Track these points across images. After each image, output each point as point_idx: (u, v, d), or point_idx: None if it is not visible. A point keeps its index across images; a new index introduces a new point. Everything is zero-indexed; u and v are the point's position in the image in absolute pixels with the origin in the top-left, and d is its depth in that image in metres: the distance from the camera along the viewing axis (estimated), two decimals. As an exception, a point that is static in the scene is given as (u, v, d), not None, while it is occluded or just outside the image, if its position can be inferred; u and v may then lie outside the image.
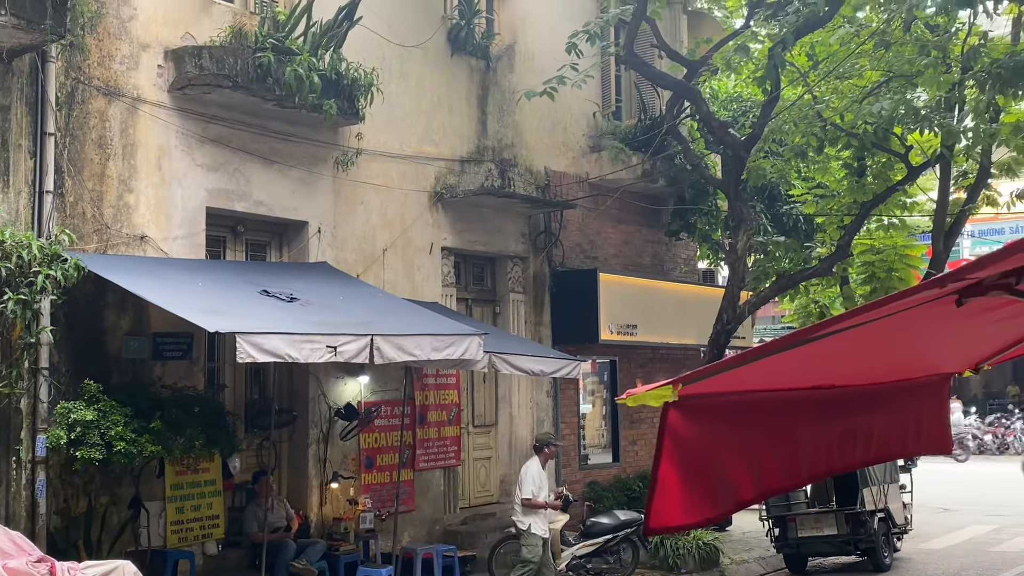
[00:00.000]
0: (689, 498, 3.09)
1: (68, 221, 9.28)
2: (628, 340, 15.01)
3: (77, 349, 9.32)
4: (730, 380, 3.08)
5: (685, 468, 3.06)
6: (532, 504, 10.68)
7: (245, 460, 10.77)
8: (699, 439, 3.06)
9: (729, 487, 3.22)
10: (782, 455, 3.39)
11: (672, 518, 3.10)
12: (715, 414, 3.11)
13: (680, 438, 3.04)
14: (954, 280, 2.54)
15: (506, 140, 14.20)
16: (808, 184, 17.32)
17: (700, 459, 3.11)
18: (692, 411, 3.05)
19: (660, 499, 3.03)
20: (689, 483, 3.07)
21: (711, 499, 3.18)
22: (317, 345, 8.77)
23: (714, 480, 3.18)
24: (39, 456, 8.83)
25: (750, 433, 3.26)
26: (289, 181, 11.28)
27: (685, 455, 3.05)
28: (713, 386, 3.07)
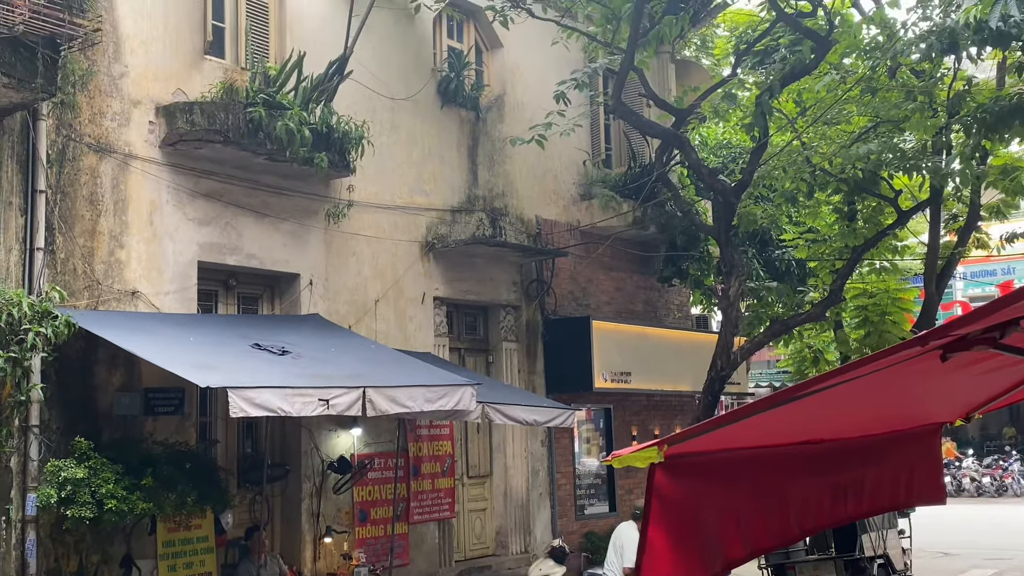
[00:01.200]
0: (678, 560, 3.06)
1: (59, 277, 9.27)
2: (622, 388, 14.97)
3: (68, 406, 9.27)
4: (717, 439, 3.06)
5: (673, 530, 3.03)
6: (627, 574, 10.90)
7: (238, 515, 10.66)
8: (686, 499, 3.04)
9: (718, 547, 3.19)
10: (771, 511, 3.36)
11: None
12: (702, 472, 3.09)
13: (667, 499, 3.01)
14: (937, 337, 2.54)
15: (497, 189, 14.26)
16: (799, 229, 17.41)
17: (688, 519, 3.09)
18: (679, 470, 3.03)
19: (649, 562, 3.01)
20: (678, 545, 3.04)
21: (701, 560, 3.15)
22: (309, 398, 8.73)
23: (703, 540, 3.15)
24: (29, 515, 8.75)
25: (738, 490, 3.24)
26: (280, 234, 11.30)
27: (672, 516, 3.02)
28: (700, 445, 3.05)
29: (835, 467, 3.53)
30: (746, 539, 3.27)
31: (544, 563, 11.76)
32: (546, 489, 14.46)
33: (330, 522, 11.31)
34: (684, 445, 3.00)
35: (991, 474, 29.43)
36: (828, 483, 3.52)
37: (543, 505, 14.38)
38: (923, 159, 13.58)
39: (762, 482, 3.31)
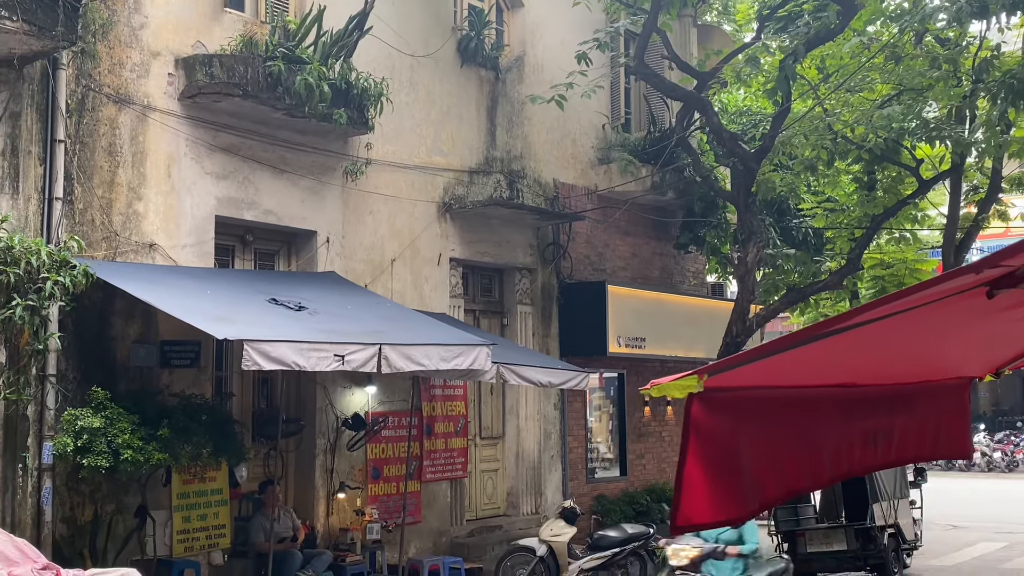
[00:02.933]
0: (715, 495, 3.04)
1: (77, 228, 9.27)
2: (636, 353, 14.94)
3: (84, 356, 9.29)
4: (755, 374, 3.02)
5: (710, 464, 3.00)
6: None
7: (252, 469, 10.72)
8: (723, 434, 3.01)
9: (755, 485, 3.16)
10: (805, 454, 3.34)
11: (699, 515, 3.05)
12: (739, 410, 3.06)
13: (704, 433, 2.98)
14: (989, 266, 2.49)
15: (515, 151, 14.18)
16: (818, 198, 17.31)
17: (725, 455, 3.06)
18: (716, 405, 3.00)
19: (687, 497, 2.98)
20: (715, 480, 3.01)
21: (738, 497, 3.12)
22: (324, 354, 8.73)
23: (740, 477, 3.12)
24: (45, 463, 8.80)
25: (773, 431, 3.21)
26: (298, 190, 11.27)
27: (710, 451, 2.99)
28: (738, 379, 3.02)
29: (866, 413, 3.50)
30: (782, 479, 3.25)
31: (555, 523, 11.79)
32: (558, 452, 14.49)
33: (343, 478, 11.36)
34: (723, 377, 2.97)
35: (1002, 449, 29.40)
36: (859, 429, 3.50)
37: (554, 467, 14.42)
38: (946, 128, 13.45)
39: (796, 423, 3.27)
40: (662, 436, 16.51)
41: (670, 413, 16.63)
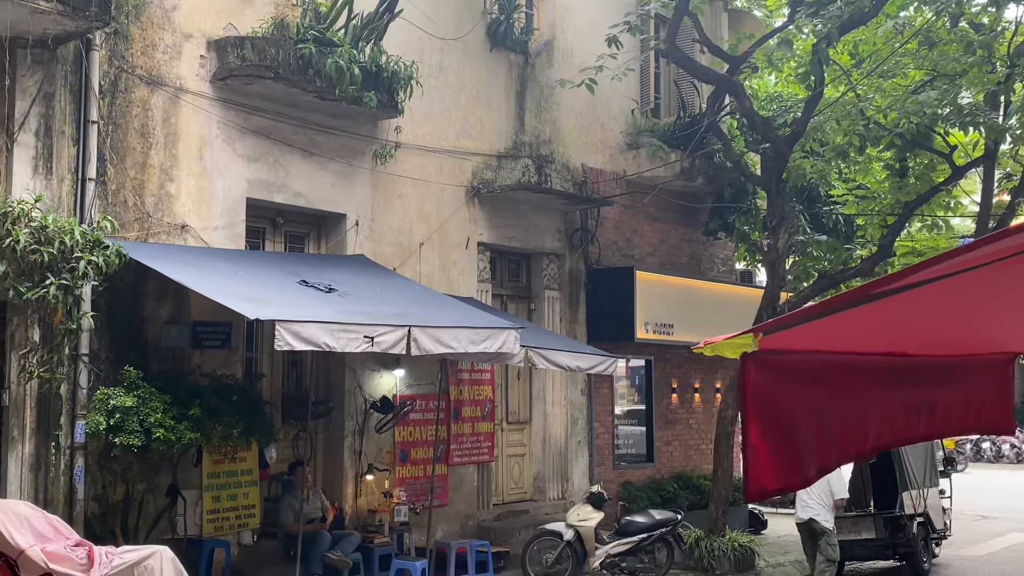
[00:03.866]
0: (779, 461, 3.01)
1: (110, 209, 9.32)
2: (664, 339, 14.89)
3: (117, 336, 9.36)
4: (806, 337, 2.99)
5: (770, 430, 2.98)
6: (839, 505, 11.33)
7: (281, 451, 10.79)
8: (777, 399, 2.98)
9: (812, 450, 3.13)
10: (851, 421, 3.31)
11: (770, 482, 3.02)
12: (789, 374, 3.03)
13: (762, 399, 2.96)
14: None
15: (544, 136, 14.14)
16: (848, 185, 17.16)
17: (781, 420, 3.03)
18: (768, 369, 2.97)
19: (755, 465, 2.95)
20: (777, 445, 2.99)
21: (799, 461, 3.10)
22: (355, 335, 8.75)
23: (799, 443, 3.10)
24: (78, 442, 8.88)
25: (822, 396, 3.18)
26: (328, 173, 11.28)
27: (768, 416, 2.97)
28: (790, 341, 2.99)
29: (911, 384, 3.47)
30: (831, 445, 3.23)
31: (582, 508, 11.79)
32: (584, 437, 14.47)
33: (372, 460, 11.40)
34: (776, 338, 2.93)
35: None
36: (903, 399, 3.46)
37: (581, 453, 14.41)
38: (980, 114, 13.28)
39: (843, 391, 3.25)
40: (689, 423, 16.46)
41: (697, 400, 16.58)
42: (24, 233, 8.31)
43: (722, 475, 13.35)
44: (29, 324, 8.70)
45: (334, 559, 10.14)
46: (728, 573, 12.53)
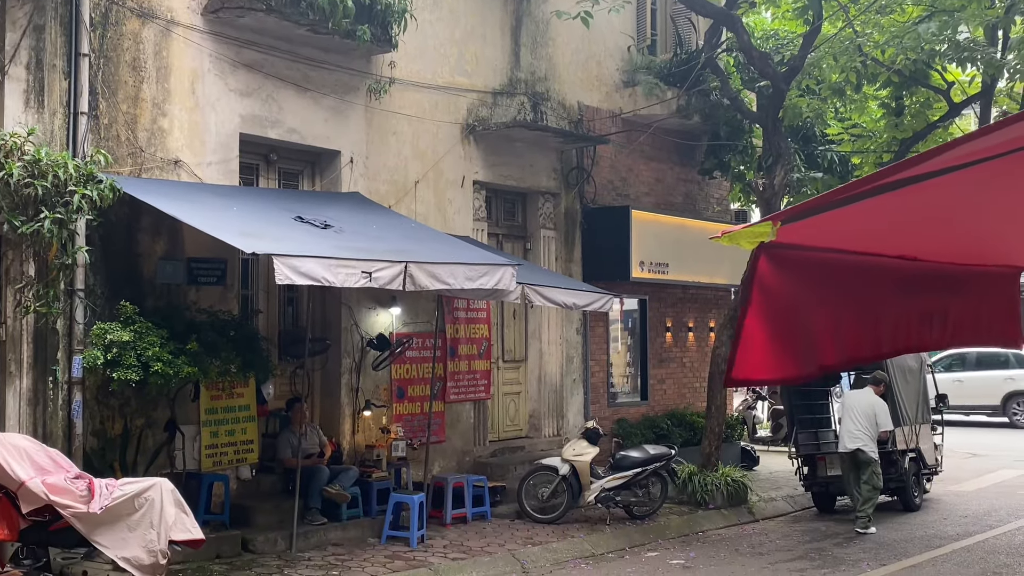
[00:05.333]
0: (773, 353, 3.03)
1: (103, 143, 9.24)
2: (659, 278, 14.90)
3: (112, 272, 9.33)
4: (823, 231, 2.99)
5: (770, 321, 2.99)
6: (883, 437, 11.88)
7: (278, 387, 10.83)
8: (787, 293, 2.99)
9: (813, 348, 3.15)
10: (865, 324, 3.32)
11: (755, 371, 3.05)
12: (804, 272, 3.03)
13: (768, 289, 2.96)
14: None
15: (539, 73, 14.01)
16: (844, 124, 17.09)
17: (787, 314, 3.04)
18: (782, 263, 2.97)
19: (744, 352, 2.97)
20: (774, 337, 3.00)
21: (795, 357, 3.12)
22: (352, 270, 8.72)
23: (799, 338, 3.11)
24: (75, 377, 8.88)
25: (836, 297, 3.18)
26: (322, 109, 11.18)
27: (772, 308, 2.97)
28: (807, 233, 2.98)
29: (924, 291, 3.48)
30: (841, 346, 3.24)
31: (578, 444, 11.88)
32: (580, 375, 14.54)
33: (369, 397, 11.44)
34: (794, 228, 2.92)
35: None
36: (916, 306, 3.48)
37: (576, 391, 14.48)
38: (978, 50, 13.20)
39: (858, 293, 3.26)
40: (683, 362, 16.54)
41: (691, 339, 16.65)
42: (17, 167, 8.24)
43: (715, 412, 13.45)
44: (24, 259, 8.66)
45: (332, 493, 10.22)
46: (721, 507, 12.68)
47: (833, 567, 10.00)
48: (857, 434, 11.85)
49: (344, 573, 9.00)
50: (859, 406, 12.00)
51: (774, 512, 13.18)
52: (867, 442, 11.81)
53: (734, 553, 10.73)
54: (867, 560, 10.29)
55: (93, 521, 7.33)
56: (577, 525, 11.46)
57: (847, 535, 11.64)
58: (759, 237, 2.96)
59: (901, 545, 11.07)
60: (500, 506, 12.01)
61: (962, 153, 2.65)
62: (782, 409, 17.23)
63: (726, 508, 12.70)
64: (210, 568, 8.87)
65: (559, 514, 11.56)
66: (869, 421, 11.85)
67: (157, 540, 7.27)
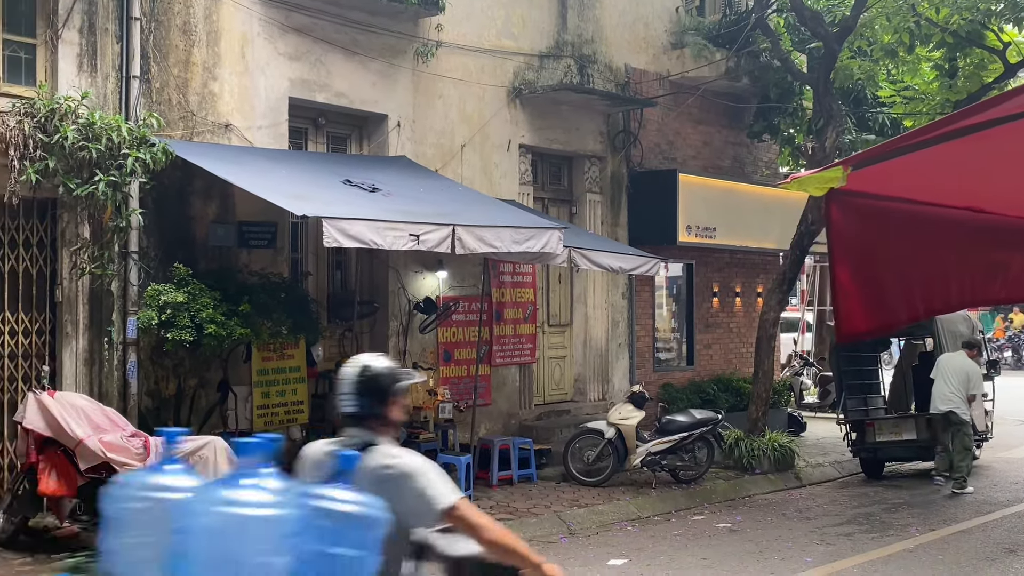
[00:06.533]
0: (869, 302, 3.03)
1: (154, 107, 9.33)
2: (706, 243, 14.81)
3: (164, 234, 9.46)
4: (893, 178, 2.95)
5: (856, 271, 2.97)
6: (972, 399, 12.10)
7: (328, 349, 10.93)
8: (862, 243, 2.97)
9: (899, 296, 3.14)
10: (935, 277, 3.30)
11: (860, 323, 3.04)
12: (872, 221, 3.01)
13: (846, 240, 2.94)
14: None
15: (586, 35, 13.90)
16: (896, 86, 16.77)
17: (866, 263, 3.03)
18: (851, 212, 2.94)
19: (845, 305, 2.97)
20: (863, 286, 3.00)
21: (887, 305, 3.11)
22: (400, 233, 8.76)
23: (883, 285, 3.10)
24: (130, 338, 9.04)
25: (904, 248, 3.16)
26: (369, 73, 11.19)
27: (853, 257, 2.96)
28: (877, 182, 2.95)
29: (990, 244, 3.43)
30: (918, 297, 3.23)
31: (623, 407, 11.90)
32: (625, 340, 14.53)
33: (416, 359, 11.52)
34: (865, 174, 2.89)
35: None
36: (982, 260, 3.44)
37: (621, 355, 14.48)
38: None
39: (925, 245, 3.23)
40: (730, 327, 16.46)
41: (738, 304, 16.55)
42: (72, 130, 8.36)
43: (763, 376, 13.39)
44: (79, 221, 8.81)
45: (381, 454, 10.33)
46: (767, 472, 12.65)
47: (882, 531, 9.96)
48: (950, 396, 12.08)
49: (393, 532, 9.11)
50: (952, 369, 12.19)
51: (821, 477, 13.13)
52: (959, 404, 12.03)
53: (781, 517, 10.72)
54: (916, 525, 10.24)
55: (149, 478, 7.48)
56: (622, 488, 11.50)
57: (896, 500, 11.58)
58: (829, 183, 2.92)
59: (950, 510, 11.00)
60: (545, 469, 12.09)
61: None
62: (830, 375, 17.12)
63: (772, 473, 12.67)
64: (262, 526, 9.01)
65: (604, 477, 11.60)
66: (962, 384, 12.07)
67: (212, 497, 7.41)
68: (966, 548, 9.33)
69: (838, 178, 2.86)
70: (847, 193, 2.88)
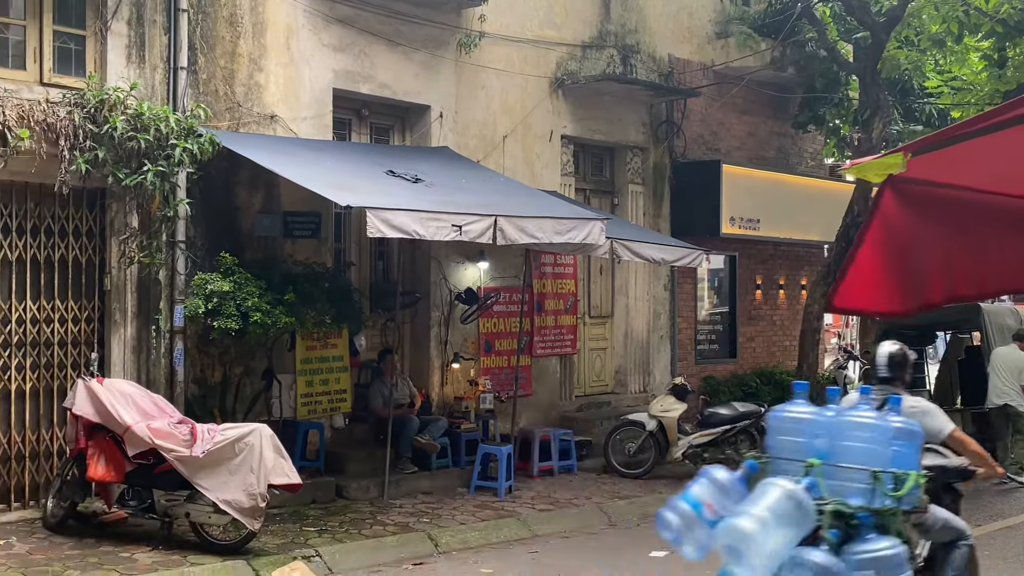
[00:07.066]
0: (881, 285, 3.02)
1: (201, 98, 9.43)
2: (750, 234, 14.71)
3: (211, 224, 9.56)
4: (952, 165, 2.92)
5: (886, 254, 2.95)
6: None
7: (370, 339, 11.02)
8: (907, 229, 2.95)
9: (923, 285, 3.12)
10: (974, 262, 3.27)
11: (859, 301, 3.04)
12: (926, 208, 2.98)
13: (890, 224, 2.92)
14: None
15: (629, 25, 13.84)
16: (944, 77, 16.52)
17: (903, 249, 3.00)
18: (907, 198, 2.92)
19: (852, 279, 2.97)
20: (886, 270, 2.97)
21: (902, 293, 3.10)
22: (442, 223, 8.79)
23: (911, 274, 3.08)
24: (177, 326, 9.16)
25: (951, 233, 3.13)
26: (412, 64, 11.23)
27: (890, 242, 2.94)
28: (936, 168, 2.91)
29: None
30: (949, 284, 3.21)
31: (665, 399, 11.87)
32: (667, 332, 14.48)
33: (457, 349, 11.58)
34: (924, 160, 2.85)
35: None
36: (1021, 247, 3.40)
37: (663, 347, 14.43)
38: (1091, -3, 12.61)
39: (974, 231, 3.19)
40: (773, 320, 16.34)
41: (782, 296, 16.42)
42: (121, 120, 8.48)
43: (807, 370, 13.28)
44: (128, 210, 8.94)
45: (423, 442, 10.41)
46: (810, 466, 12.55)
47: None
48: (1005, 389, 12.09)
49: (435, 520, 9.18)
50: (1006, 363, 12.16)
51: (864, 472, 12.99)
52: (1014, 396, 12.06)
53: (823, 511, 10.62)
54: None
55: (195, 464, 7.60)
56: (664, 480, 11.48)
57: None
58: (889, 169, 2.90)
59: (997, 506, 10.85)
60: (585, 460, 12.10)
61: None
62: (874, 369, 16.94)
63: (815, 466, 12.56)
64: (306, 512, 9.13)
65: (645, 469, 11.59)
66: (1014, 376, 12.08)
67: (257, 484, 7.51)
68: (1012, 544, 9.21)
69: (898, 164, 2.84)
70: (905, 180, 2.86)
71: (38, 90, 8.54)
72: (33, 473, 8.73)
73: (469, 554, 8.52)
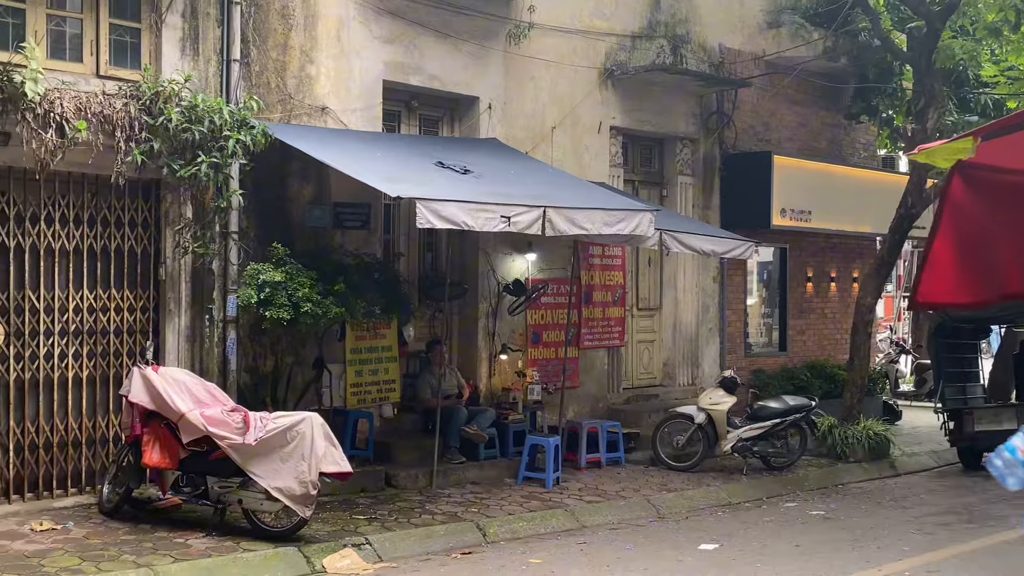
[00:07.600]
0: (960, 277, 2.97)
1: (253, 90, 9.52)
2: (801, 226, 14.55)
3: (263, 215, 9.66)
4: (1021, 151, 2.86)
5: (960, 245, 2.91)
6: None
7: (419, 330, 11.07)
8: (977, 217, 2.90)
9: (998, 275, 3.06)
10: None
11: (940, 294, 2.99)
12: (995, 195, 2.93)
13: (960, 211, 2.88)
14: None
15: (679, 15, 13.73)
16: (1000, 66, 16.21)
17: (975, 239, 2.96)
18: (975, 185, 2.87)
19: (930, 275, 2.92)
20: (961, 261, 2.93)
21: (980, 283, 3.04)
22: (491, 214, 8.79)
23: (985, 264, 3.02)
24: (230, 315, 9.28)
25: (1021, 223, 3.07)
26: (462, 55, 11.25)
27: (961, 231, 2.89)
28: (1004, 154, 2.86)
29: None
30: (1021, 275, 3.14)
31: (714, 392, 11.79)
32: (716, 324, 14.39)
33: (505, 341, 11.60)
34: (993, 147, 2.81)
35: None
36: None
37: (712, 340, 14.34)
38: None
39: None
40: (824, 313, 16.16)
41: (833, 289, 16.24)
42: (175, 112, 8.59)
43: (858, 364, 13.12)
44: (182, 201, 9.06)
45: (471, 433, 10.44)
46: (861, 461, 12.42)
47: (981, 522, 9.71)
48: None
49: (483, 510, 9.21)
50: None
51: (917, 467, 12.85)
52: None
53: (876, 506, 10.52)
54: (1015, 516, 9.94)
55: (248, 452, 7.70)
56: (712, 474, 11.42)
57: (996, 491, 11.21)
58: (958, 154, 2.85)
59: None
60: (633, 452, 12.06)
61: None
62: (926, 363, 16.70)
63: (867, 462, 12.44)
64: (356, 501, 9.21)
65: (694, 462, 11.53)
66: None
67: (308, 471, 7.58)
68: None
69: (968, 149, 2.79)
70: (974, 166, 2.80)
71: (95, 82, 8.67)
72: (89, 459, 8.89)
73: (517, 544, 8.55)
